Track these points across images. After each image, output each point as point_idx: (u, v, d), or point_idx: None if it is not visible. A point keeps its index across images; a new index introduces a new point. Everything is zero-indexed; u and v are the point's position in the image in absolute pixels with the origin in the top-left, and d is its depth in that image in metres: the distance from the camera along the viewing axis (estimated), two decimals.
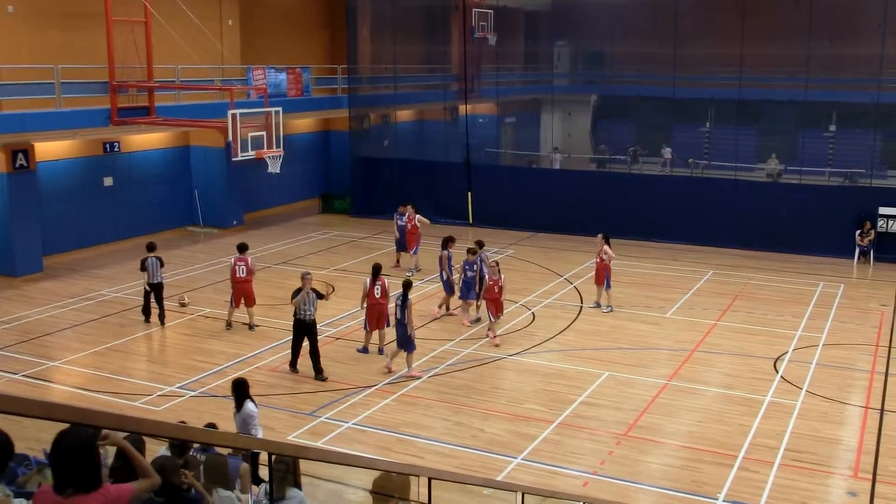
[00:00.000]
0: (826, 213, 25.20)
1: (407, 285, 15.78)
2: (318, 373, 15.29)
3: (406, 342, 15.44)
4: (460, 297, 18.71)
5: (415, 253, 22.87)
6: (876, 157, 28.16)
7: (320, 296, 15.71)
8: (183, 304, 19.48)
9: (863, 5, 29.82)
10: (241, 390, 10.86)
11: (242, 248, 18.37)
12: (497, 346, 17.05)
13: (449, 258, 19.35)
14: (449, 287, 19.28)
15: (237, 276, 17.92)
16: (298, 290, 15.24)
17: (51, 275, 22.30)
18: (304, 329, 15.33)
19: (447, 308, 19.30)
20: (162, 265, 18.31)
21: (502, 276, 17.66)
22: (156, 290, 18.30)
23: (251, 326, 18.05)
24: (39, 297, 20.39)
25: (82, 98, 22.05)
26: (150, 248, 18.46)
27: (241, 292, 17.98)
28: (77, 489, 3.95)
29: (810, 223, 25.24)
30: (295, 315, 15.40)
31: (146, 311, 18.45)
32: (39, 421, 3.74)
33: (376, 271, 16.47)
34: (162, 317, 18.37)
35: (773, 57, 30.52)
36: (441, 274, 19.54)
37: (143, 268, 18.11)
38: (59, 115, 21.30)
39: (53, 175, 23.76)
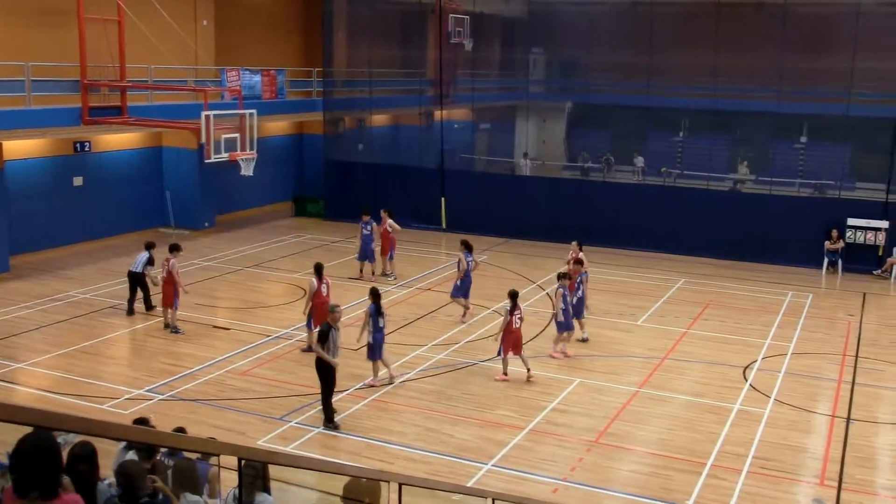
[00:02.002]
0: (796, 223, 25.42)
1: (377, 293, 15.25)
2: (329, 421, 13.45)
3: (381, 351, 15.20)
4: (559, 331, 16.72)
5: (390, 258, 22.85)
6: (846, 168, 28.54)
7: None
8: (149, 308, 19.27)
9: (835, 19, 30.13)
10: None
11: (173, 248, 18.31)
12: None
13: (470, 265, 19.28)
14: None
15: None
16: (328, 327, 13.28)
17: (18, 275, 22.01)
18: (331, 371, 13.37)
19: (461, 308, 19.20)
20: (150, 263, 18.69)
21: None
22: (129, 278, 18.88)
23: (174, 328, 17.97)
24: (6, 297, 20.10)
25: (53, 96, 21.85)
26: (147, 245, 19.04)
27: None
28: (40, 494, 3.89)
29: (780, 233, 25.46)
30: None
31: (146, 301, 19.10)
32: (3, 424, 3.68)
33: (320, 270, 16.78)
34: (141, 304, 19.01)
35: (747, 68, 30.81)
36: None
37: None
38: (29, 114, 21.08)
39: (22, 174, 23.42)
